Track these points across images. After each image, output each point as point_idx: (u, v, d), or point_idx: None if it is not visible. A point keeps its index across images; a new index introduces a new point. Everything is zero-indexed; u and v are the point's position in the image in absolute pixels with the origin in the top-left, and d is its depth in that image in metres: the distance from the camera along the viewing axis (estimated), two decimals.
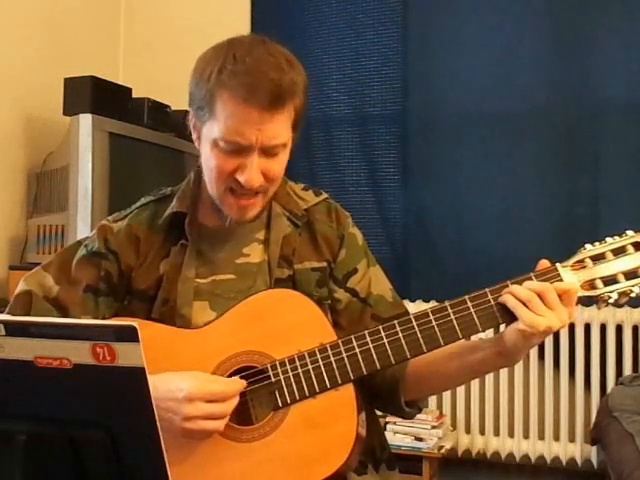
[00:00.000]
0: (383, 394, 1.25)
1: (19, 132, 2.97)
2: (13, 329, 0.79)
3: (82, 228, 2.59)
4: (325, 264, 1.30)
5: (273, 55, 1.17)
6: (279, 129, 1.18)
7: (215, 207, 1.30)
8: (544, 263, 1.15)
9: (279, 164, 1.22)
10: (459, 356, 1.20)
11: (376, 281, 1.33)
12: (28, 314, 1.25)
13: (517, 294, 1.11)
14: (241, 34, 1.26)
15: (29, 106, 3.00)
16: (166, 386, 1.08)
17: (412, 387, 1.24)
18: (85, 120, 2.64)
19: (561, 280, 1.13)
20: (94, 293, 1.28)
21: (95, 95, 2.73)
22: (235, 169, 1.19)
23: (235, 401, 1.12)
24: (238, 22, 3.29)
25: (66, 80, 2.79)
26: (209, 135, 1.19)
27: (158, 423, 0.79)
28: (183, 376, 1.11)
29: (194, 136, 1.26)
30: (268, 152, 1.19)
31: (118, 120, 2.77)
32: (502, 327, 1.16)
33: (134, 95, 2.98)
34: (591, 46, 2.97)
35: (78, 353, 0.77)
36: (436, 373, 1.23)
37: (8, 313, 1.26)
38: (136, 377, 0.77)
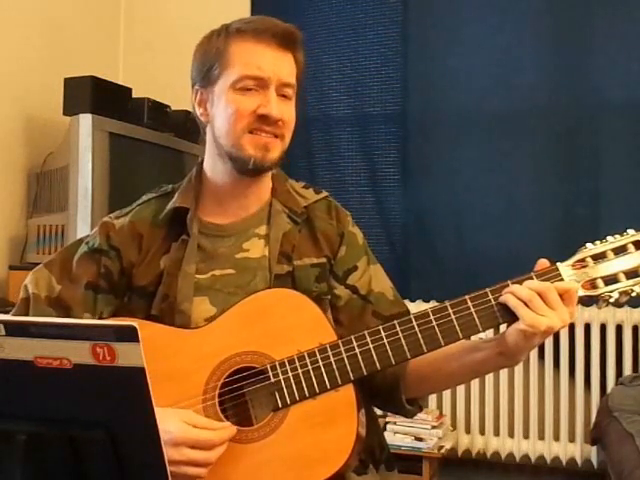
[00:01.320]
0: (384, 392, 1.25)
1: (19, 132, 2.97)
2: (13, 329, 0.79)
3: (82, 228, 2.59)
4: (324, 260, 1.30)
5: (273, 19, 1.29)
6: (291, 68, 1.27)
7: (217, 201, 1.31)
8: (543, 262, 1.15)
9: (290, 109, 1.28)
10: (460, 356, 1.20)
11: (377, 279, 1.33)
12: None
13: (518, 294, 1.10)
14: None
15: (29, 106, 3.00)
16: None
17: (413, 386, 1.24)
18: (85, 120, 2.64)
19: (562, 279, 1.12)
20: (94, 290, 1.28)
21: (95, 95, 2.73)
22: (256, 107, 1.23)
23: (222, 449, 1.10)
24: None
25: (66, 80, 2.79)
26: (224, 86, 1.25)
27: (158, 423, 0.79)
28: (172, 416, 1.08)
29: (199, 111, 1.30)
30: (281, 92, 1.25)
31: (118, 120, 2.77)
32: (503, 327, 1.16)
33: (134, 95, 2.98)
34: (591, 46, 2.97)
35: (78, 353, 0.77)
36: (437, 372, 1.23)
37: (13, 315, 1.27)
38: (136, 377, 0.77)
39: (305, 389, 1.14)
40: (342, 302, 1.30)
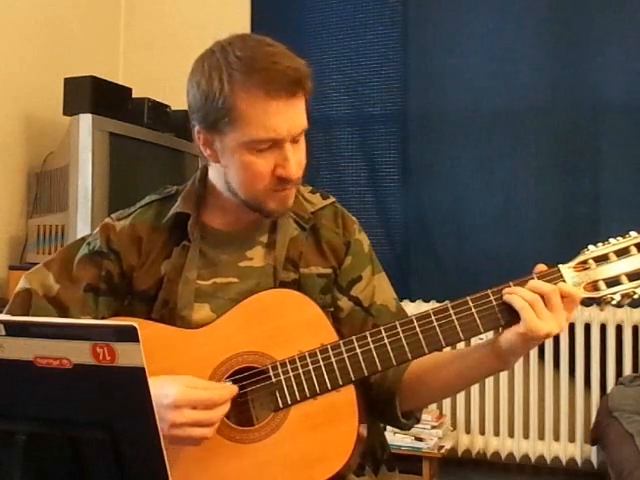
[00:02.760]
0: (379, 407, 1.23)
1: (19, 132, 2.97)
2: (13, 329, 0.78)
3: (82, 228, 2.59)
4: (330, 270, 1.28)
5: (271, 45, 1.18)
6: (302, 114, 1.19)
7: (220, 208, 1.29)
8: (541, 267, 1.14)
9: (303, 152, 1.23)
10: (452, 363, 1.20)
11: (380, 290, 1.31)
12: (27, 313, 1.24)
13: (523, 295, 1.10)
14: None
15: (29, 106, 3.00)
16: (153, 391, 1.06)
17: (408, 398, 1.23)
18: (85, 120, 2.64)
19: (564, 281, 1.12)
20: (94, 293, 1.27)
21: (95, 95, 2.73)
22: (274, 167, 1.18)
23: (225, 408, 1.09)
24: (238, 22, 3.29)
25: (66, 80, 2.79)
26: (236, 142, 1.17)
27: (158, 423, 0.79)
28: (171, 381, 1.08)
29: (206, 152, 1.23)
30: (295, 141, 1.20)
31: (118, 120, 2.77)
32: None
33: (134, 95, 2.97)
34: (591, 46, 2.97)
35: (78, 353, 0.77)
36: (431, 382, 1.22)
37: (7, 311, 1.26)
38: (136, 377, 0.77)
39: (306, 389, 1.14)
40: (344, 314, 1.28)
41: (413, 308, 3.05)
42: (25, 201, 2.98)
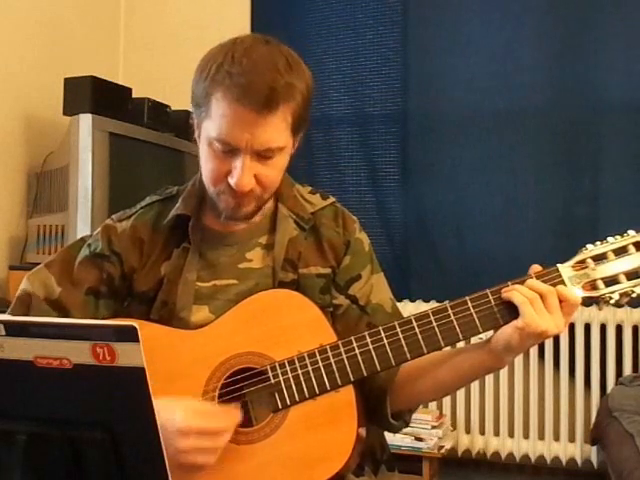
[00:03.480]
0: (370, 406, 1.23)
1: (19, 132, 2.97)
2: (13, 329, 0.78)
3: (82, 228, 2.59)
4: (330, 270, 1.28)
5: (272, 56, 1.16)
6: (272, 133, 1.16)
7: (217, 211, 1.29)
8: (536, 267, 1.14)
9: (275, 169, 1.21)
10: (447, 360, 1.20)
11: (377, 289, 1.31)
12: (28, 316, 1.24)
13: (522, 291, 1.10)
14: (244, 34, 1.25)
15: (29, 106, 3.00)
16: (160, 415, 1.05)
17: (401, 396, 1.23)
18: (85, 120, 2.64)
19: (562, 281, 1.12)
20: (95, 296, 1.27)
21: (95, 95, 2.73)
22: (228, 171, 1.18)
23: (229, 434, 1.09)
24: (238, 22, 3.29)
25: (66, 80, 2.79)
26: (205, 134, 1.20)
27: (158, 423, 0.79)
28: (176, 406, 1.07)
29: (195, 134, 1.26)
30: (262, 156, 1.17)
31: (118, 120, 2.77)
32: None
33: (134, 95, 2.97)
34: (591, 46, 2.97)
35: (78, 353, 0.77)
36: (425, 379, 1.22)
37: (9, 314, 1.26)
38: (136, 377, 0.77)
39: (305, 390, 1.14)
40: (339, 311, 1.28)
41: (413, 308, 3.05)
42: (25, 201, 2.98)
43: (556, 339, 2.95)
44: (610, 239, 1.15)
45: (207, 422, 1.08)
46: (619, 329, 2.93)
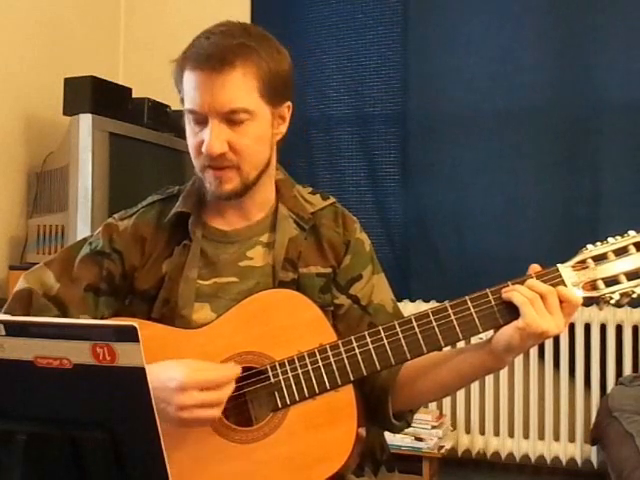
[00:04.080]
0: (371, 406, 1.23)
1: (19, 132, 2.97)
2: (13, 329, 0.79)
3: (82, 228, 2.59)
4: (330, 270, 1.28)
5: (230, 26, 1.23)
6: (232, 92, 1.17)
7: (217, 209, 1.30)
8: (535, 267, 1.14)
9: (248, 137, 1.20)
10: (448, 360, 1.20)
11: (379, 290, 1.31)
12: (27, 312, 1.24)
13: (522, 291, 1.10)
14: None
15: (29, 106, 3.00)
16: (157, 376, 1.05)
17: (402, 396, 1.23)
18: (85, 120, 2.64)
19: (562, 281, 1.12)
20: (95, 292, 1.27)
21: (95, 95, 2.73)
22: (203, 141, 1.20)
23: (231, 387, 1.10)
24: None
25: (66, 80, 2.79)
26: (185, 111, 1.23)
27: (158, 423, 0.79)
28: (174, 365, 1.09)
29: None
30: (230, 120, 1.19)
31: (118, 120, 2.77)
32: None
33: (134, 95, 2.98)
34: (591, 46, 2.97)
35: (78, 353, 0.77)
36: (426, 379, 1.22)
37: (6, 310, 1.26)
38: (136, 377, 0.77)
39: (305, 389, 1.14)
40: (341, 311, 1.28)
41: (413, 308, 3.05)
42: (25, 201, 2.98)
43: (556, 339, 2.95)
44: (610, 239, 1.15)
45: (208, 375, 1.09)
46: (619, 329, 2.93)
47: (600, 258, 1.14)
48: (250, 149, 1.21)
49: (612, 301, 1.13)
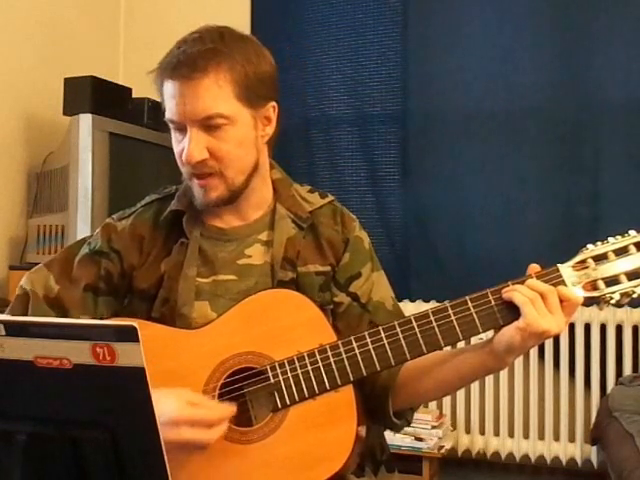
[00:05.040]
0: (372, 404, 1.22)
1: (19, 132, 2.97)
2: (13, 329, 0.78)
3: (82, 228, 2.60)
4: (329, 268, 1.28)
5: (203, 33, 1.22)
6: (206, 98, 1.17)
7: (215, 209, 1.29)
8: (534, 267, 1.14)
9: (228, 143, 1.20)
10: (449, 359, 1.19)
11: (378, 287, 1.31)
12: (27, 315, 1.24)
13: (523, 291, 1.10)
14: None
15: (29, 106, 3.00)
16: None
17: (402, 394, 1.23)
18: (85, 120, 2.64)
19: (563, 281, 1.12)
20: (94, 292, 1.28)
21: (95, 95, 2.74)
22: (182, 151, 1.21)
23: (223, 427, 1.09)
24: (238, 22, 3.24)
25: (66, 80, 2.79)
26: None
27: (158, 423, 0.79)
28: (170, 396, 1.06)
29: None
30: (207, 126, 1.18)
31: (118, 120, 2.77)
32: None
33: (134, 95, 2.98)
34: (591, 46, 2.97)
35: (78, 353, 0.77)
36: (426, 379, 1.21)
37: (9, 313, 1.26)
38: (136, 377, 0.77)
39: (305, 390, 1.14)
40: (341, 309, 1.28)
41: (413, 308, 3.05)
42: (25, 201, 2.98)
43: (556, 339, 2.95)
44: (611, 239, 1.15)
45: (198, 413, 1.07)
46: (619, 329, 2.93)
47: (600, 258, 1.14)
48: (232, 154, 1.21)
49: (612, 301, 1.13)
